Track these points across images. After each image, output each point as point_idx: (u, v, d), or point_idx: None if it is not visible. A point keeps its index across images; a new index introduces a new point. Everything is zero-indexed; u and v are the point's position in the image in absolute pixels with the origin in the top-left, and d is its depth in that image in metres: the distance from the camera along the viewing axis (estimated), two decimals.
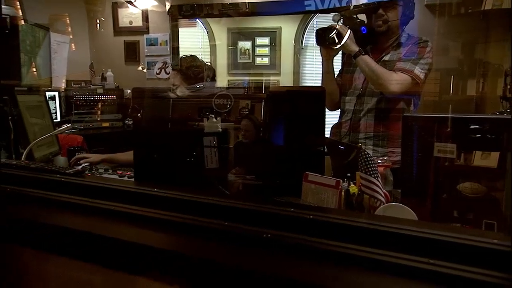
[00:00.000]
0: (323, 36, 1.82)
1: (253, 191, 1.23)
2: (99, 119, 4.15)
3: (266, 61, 5.07)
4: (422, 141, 1.15)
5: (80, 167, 1.64)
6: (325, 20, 4.49)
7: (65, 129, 2.08)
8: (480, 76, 2.87)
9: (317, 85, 1.90)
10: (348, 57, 1.94)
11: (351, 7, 2.06)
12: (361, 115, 1.86)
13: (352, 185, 1.13)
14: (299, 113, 1.24)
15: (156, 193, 0.87)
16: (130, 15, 4.50)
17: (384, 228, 0.64)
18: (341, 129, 1.95)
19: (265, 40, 4.98)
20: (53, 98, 3.75)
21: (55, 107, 3.81)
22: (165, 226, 0.76)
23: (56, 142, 2.24)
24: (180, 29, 4.48)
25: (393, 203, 1.00)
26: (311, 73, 4.85)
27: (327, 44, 1.81)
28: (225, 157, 1.10)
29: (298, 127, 1.24)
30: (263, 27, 4.92)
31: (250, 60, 5.13)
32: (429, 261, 0.57)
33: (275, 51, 4.98)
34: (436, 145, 1.06)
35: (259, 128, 1.36)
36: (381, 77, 1.74)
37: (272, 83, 5.07)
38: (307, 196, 1.08)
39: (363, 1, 2.50)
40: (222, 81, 4.95)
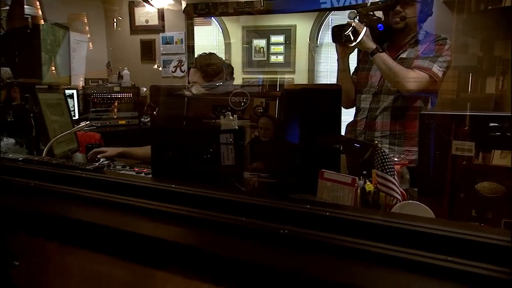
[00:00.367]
0: (339, 33, 1.81)
1: (267, 189, 1.23)
2: (115, 116, 4.22)
3: (280, 59, 5.07)
4: (439, 139, 1.13)
5: (97, 163, 1.67)
6: (340, 17, 4.46)
7: (84, 126, 2.12)
8: (499, 73, 2.81)
9: (334, 83, 1.89)
10: (364, 54, 1.93)
11: (368, 4, 2.04)
12: (377, 113, 1.85)
13: (368, 183, 1.12)
14: (315, 111, 1.24)
15: (174, 189, 0.89)
16: (146, 14, 4.56)
17: (401, 225, 0.64)
18: (357, 127, 1.94)
19: (280, 38, 4.99)
20: (71, 96, 3.83)
21: (73, 105, 3.89)
22: (183, 221, 0.78)
23: (75, 139, 2.29)
24: (195, 28, 4.51)
25: (409, 201, 0.99)
26: (326, 71, 4.84)
27: (342, 41, 1.80)
28: (241, 154, 1.11)
29: (313, 125, 1.24)
30: (278, 25, 4.92)
31: (264, 58, 5.14)
32: (447, 258, 0.57)
33: (289, 49, 4.98)
34: (454, 143, 1.05)
35: (277, 126, 1.36)
36: (398, 75, 1.72)
37: (286, 81, 5.07)
38: (323, 193, 1.08)
39: None
40: (236, 79, 4.96)
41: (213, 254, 0.66)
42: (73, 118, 2.93)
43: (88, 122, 2.22)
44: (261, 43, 5.11)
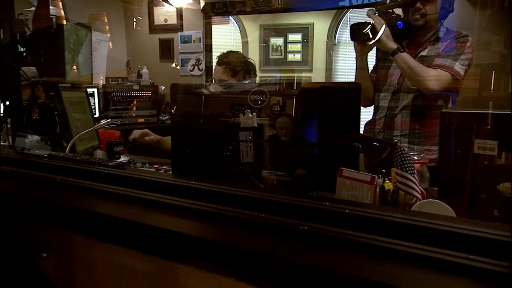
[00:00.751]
0: (357, 31, 1.79)
1: (285, 187, 1.24)
2: (134, 115, 4.28)
3: (298, 57, 5.05)
4: (460, 138, 1.12)
5: (119, 160, 1.70)
6: (359, 15, 4.42)
7: (105, 124, 2.17)
8: None
9: (353, 81, 1.88)
10: (383, 53, 1.91)
11: (387, 1, 2.02)
12: (396, 112, 1.83)
13: (387, 181, 1.12)
14: (334, 109, 1.24)
15: (194, 186, 0.90)
16: (165, 13, 4.61)
17: (422, 223, 0.64)
18: (375, 126, 1.93)
19: (297, 36, 4.97)
20: (92, 94, 3.91)
21: (94, 103, 3.97)
22: (204, 216, 0.79)
23: (96, 136, 2.34)
24: (213, 26, 4.54)
25: (430, 199, 0.98)
26: (343, 69, 4.80)
27: (361, 39, 1.79)
28: (260, 151, 1.12)
29: (332, 124, 1.24)
30: (295, 23, 4.91)
31: (282, 56, 5.13)
32: (468, 256, 0.57)
33: (307, 47, 4.96)
34: (476, 142, 1.04)
35: (295, 125, 1.37)
36: (420, 75, 1.70)
37: (303, 79, 5.06)
38: (341, 191, 1.08)
39: None
40: None
41: (234, 248, 0.67)
42: (94, 116, 2.99)
43: (109, 120, 2.26)
44: (278, 41, 5.10)
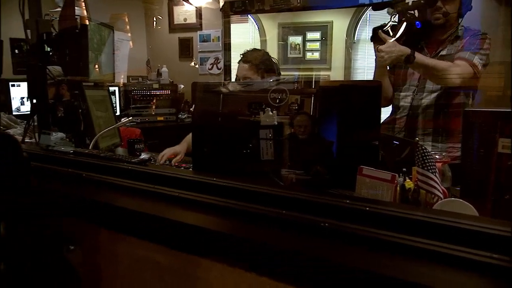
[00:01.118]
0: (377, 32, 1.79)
1: (303, 185, 1.24)
2: (153, 113, 4.35)
3: (316, 55, 5.03)
4: (484, 137, 1.10)
5: (140, 157, 1.74)
6: (378, 13, 4.37)
7: (126, 122, 2.21)
8: None
9: (373, 79, 1.87)
10: None
11: (409, 1, 2.00)
12: (420, 111, 1.83)
13: (408, 180, 1.11)
14: (354, 108, 1.24)
15: (215, 182, 0.92)
16: (185, 13, 4.66)
17: (445, 221, 0.64)
18: (395, 125, 1.92)
19: (316, 34, 4.94)
20: (113, 93, 3.99)
21: (115, 101, 4.05)
22: (225, 212, 0.81)
23: (117, 134, 2.39)
24: (232, 25, 4.57)
25: (452, 198, 0.97)
26: (362, 67, 4.75)
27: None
28: (280, 149, 1.13)
29: (351, 122, 1.24)
30: (314, 22, 4.88)
31: (300, 55, 5.11)
32: (492, 255, 0.57)
33: (326, 45, 4.93)
34: (500, 141, 1.02)
35: (314, 123, 1.37)
36: (439, 70, 1.70)
37: (322, 78, 5.03)
38: (361, 189, 1.08)
39: None
40: None
41: (255, 243, 0.68)
42: (115, 114, 3.05)
43: (130, 117, 2.31)
44: (297, 40, 5.09)
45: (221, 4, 4.43)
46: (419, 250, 0.61)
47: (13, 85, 3.40)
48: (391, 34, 1.75)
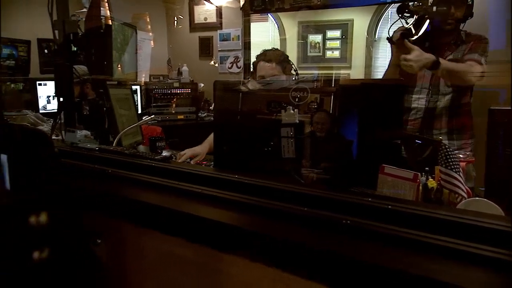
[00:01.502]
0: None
1: (321, 183, 1.24)
2: (174, 111, 4.40)
3: (336, 54, 4.98)
4: (510, 137, 1.08)
5: (163, 154, 1.77)
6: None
7: (149, 119, 2.25)
8: None
9: (396, 78, 1.87)
10: None
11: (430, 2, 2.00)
12: (436, 113, 1.88)
13: (430, 179, 1.10)
14: (375, 107, 1.23)
15: (237, 179, 0.93)
16: (205, 12, 4.70)
17: (470, 221, 0.63)
18: (407, 126, 1.95)
19: (336, 33, 4.90)
20: (135, 91, 4.06)
21: (137, 100, 4.12)
22: (247, 209, 0.82)
23: (140, 132, 2.44)
24: (252, 24, 4.58)
25: (477, 198, 0.96)
26: (383, 66, 4.69)
27: (402, 36, 1.78)
28: (301, 147, 1.14)
29: (372, 121, 1.24)
30: (334, 20, 4.84)
31: (320, 53, 5.08)
32: None
33: (346, 44, 4.88)
34: None
35: (333, 121, 1.36)
36: (461, 72, 1.76)
37: (342, 76, 4.98)
38: (383, 188, 1.07)
39: None
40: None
41: (277, 240, 0.69)
42: (138, 112, 3.10)
43: (153, 115, 2.35)
44: (316, 38, 5.06)
45: (242, 3, 4.45)
46: (443, 248, 0.61)
47: (40, 84, 3.51)
48: (413, 32, 1.74)
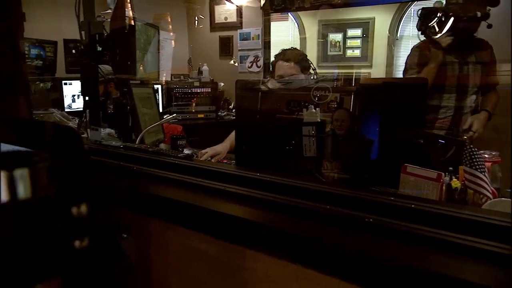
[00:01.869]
0: (423, 24, 1.77)
1: (343, 182, 1.24)
2: (194, 110, 4.45)
3: (357, 53, 4.94)
4: None
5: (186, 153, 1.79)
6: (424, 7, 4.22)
7: (171, 118, 2.29)
8: None
9: (419, 77, 1.86)
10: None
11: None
12: (464, 112, 1.92)
13: (454, 179, 1.09)
14: (397, 106, 1.22)
15: (259, 177, 0.94)
16: (225, 12, 4.73)
17: (495, 221, 0.63)
18: (435, 124, 1.94)
19: (357, 31, 4.85)
20: (156, 90, 4.12)
21: (158, 99, 4.18)
22: (270, 206, 0.83)
23: (161, 130, 2.49)
24: (272, 23, 4.58)
25: (502, 198, 0.94)
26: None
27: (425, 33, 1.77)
28: (322, 146, 1.14)
29: (394, 120, 1.23)
30: (355, 18, 4.79)
31: (340, 52, 5.05)
32: None
33: (367, 42, 4.84)
34: None
35: (353, 119, 1.36)
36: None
37: (362, 75, 4.94)
38: (405, 188, 1.07)
39: None
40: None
41: (300, 236, 0.70)
42: (159, 111, 3.15)
43: (174, 114, 2.39)
44: (337, 37, 5.03)
45: (262, 2, 4.46)
46: (469, 248, 0.61)
47: (66, 84, 3.60)
48: (437, 29, 1.71)
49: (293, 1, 4.28)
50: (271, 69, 2.39)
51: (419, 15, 1.84)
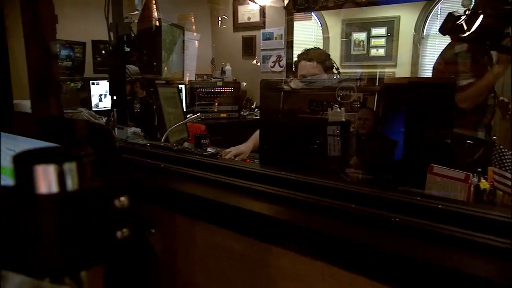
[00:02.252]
0: (449, 23, 1.73)
1: (367, 181, 1.24)
2: (216, 110, 4.49)
3: (381, 52, 4.88)
4: None
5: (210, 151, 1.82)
6: (451, 5, 4.13)
7: (195, 117, 2.33)
8: None
9: (447, 76, 1.82)
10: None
11: None
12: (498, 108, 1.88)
13: (483, 180, 1.07)
14: (423, 106, 1.21)
15: (285, 176, 0.95)
16: (249, 12, 4.76)
17: None
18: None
19: (382, 30, 4.79)
20: (180, 90, 4.18)
21: (182, 98, 4.25)
22: (295, 204, 0.84)
23: (186, 129, 2.53)
24: (295, 23, 4.58)
25: None
26: (431, 64, 4.52)
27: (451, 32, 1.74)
28: (346, 146, 1.14)
29: (420, 120, 1.21)
30: (380, 17, 4.73)
31: (364, 51, 4.99)
32: None
33: (391, 41, 4.77)
34: None
35: (377, 119, 1.35)
36: None
37: (387, 75, 4.87)
38: (431, 188, 1.06)
39: None
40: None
41: (325, 234, 0.71)
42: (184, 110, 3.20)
43: (199, 113, 2.43)
44: (361, 36, 4.98)
45: (285, 2, 4.46)
46: (499, 250, 0.60)
47: (93, 83, 3.71)
48: (465, 28, 1.68)
49: (316, 0, 4.27)
50: (293, 68, 2.40)
51: (447, 19, 1.79)
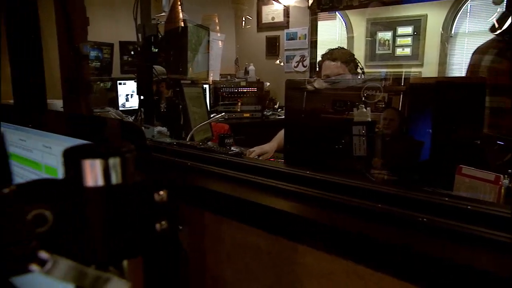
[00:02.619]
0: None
1: (392, 182, 1.23)
2: (240, 110, 4.53)
3: (407, 51, 4.79)
4: None
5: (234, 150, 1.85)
6: (480, 3, 4.03)
7: (219, 117, 2.37)
8: None
9: (477, 76, 1.78)
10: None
11: None
12: None
13: None
14: (452, 106, 1.19)
15: (309, 175, 0.96)
16: (273, 12, 4.77)
17: None
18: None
19: (408, 29, 4.71)
20: (204, 90, 4.24)
21: (205, 98, 4.30)
22: (320, 203, 0.85)
23: (210, 129, 2.57)
24: (319, 23, 4.56)
25: None
26: (460, 63, 4.41)
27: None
28: (372, 146, 1.14)
29: (448, 121, 1.20)
30: (406, 16, 4.65)
31: (389, 51, 4.92)
32: None
33: (418, 40, 4.68)
34: None
35: (402, 119, 1.34)
36: None
37: (413, 75, 4.78)
38: (460, 190, 1.04)
39: None
40: None
41: (351, 233, 0.71)
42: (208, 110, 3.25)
43: (223, 113, 2.46)
44: (386, 35, 4.90)
45: (310, 2, 4.45)
46: None
47: (120, 83, 3.81)
48: (497, 26, 1.64)
49: (340, 0, 4.24)
50: (317, 68, 2.39)
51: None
